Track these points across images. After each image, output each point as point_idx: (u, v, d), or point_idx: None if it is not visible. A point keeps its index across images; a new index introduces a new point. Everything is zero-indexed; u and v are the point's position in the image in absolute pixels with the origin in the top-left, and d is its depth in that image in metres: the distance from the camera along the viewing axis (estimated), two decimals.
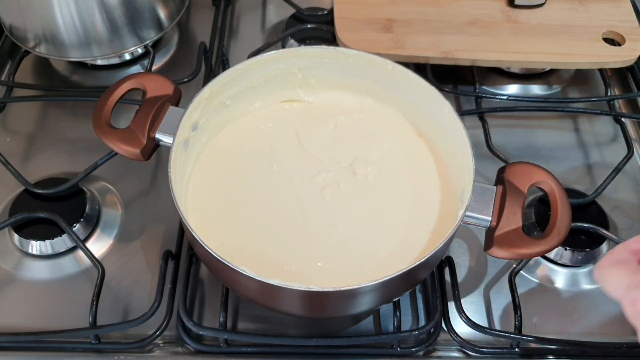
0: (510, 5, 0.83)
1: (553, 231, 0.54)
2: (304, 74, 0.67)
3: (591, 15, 0.82)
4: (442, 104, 0.60)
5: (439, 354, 0.61)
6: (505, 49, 0.78)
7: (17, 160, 0.73)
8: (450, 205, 0.60)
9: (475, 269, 0.66)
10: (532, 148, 0.77)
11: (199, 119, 0.62)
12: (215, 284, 0.64)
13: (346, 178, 0.63)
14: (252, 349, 0.60)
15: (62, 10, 0.73)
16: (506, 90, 0.83)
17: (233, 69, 0.63)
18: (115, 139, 0.59)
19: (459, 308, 0.61)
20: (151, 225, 0.69)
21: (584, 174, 0.75)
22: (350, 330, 0.62)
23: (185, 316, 0.59)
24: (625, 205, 0.72)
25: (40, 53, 0.78)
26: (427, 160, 0.64)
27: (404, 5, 0.83)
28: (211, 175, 0.63)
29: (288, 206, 0.61)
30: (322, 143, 0.66)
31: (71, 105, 0.80)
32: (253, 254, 0.57)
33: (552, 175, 0.57)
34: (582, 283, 0.65)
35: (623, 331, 0.62)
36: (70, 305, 0.63)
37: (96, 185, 0.71)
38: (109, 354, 0.60)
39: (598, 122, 0.80)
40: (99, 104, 0.61)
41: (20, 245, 0.66)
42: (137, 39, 0.79)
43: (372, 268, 0.56)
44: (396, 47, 0.77)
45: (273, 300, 0.55)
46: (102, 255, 0.66)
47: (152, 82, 0.62)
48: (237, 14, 0.93)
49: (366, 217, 0.60)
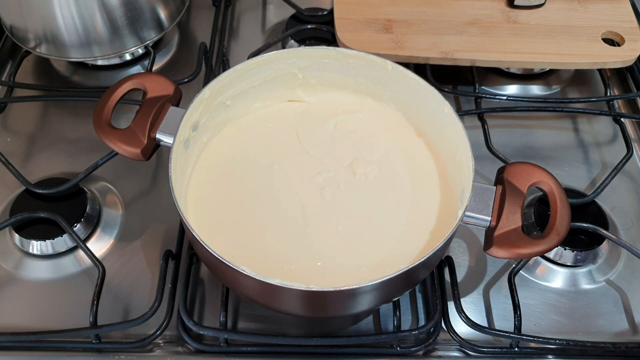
0: (509, 6, 0.83)
1: (552, 231, 0.54)
2: (304, 75, 0.67)
3: (590, 15, 0.82)
4: (441, 104, 0.60)
5: (438, 354, 0.61)
6: (504, 50, 0.78)
7: (18, 160, 0.73)
8: (450, 205, 0.60)
9: (475, 269, 0.66)
10: (531, 148, 0.77)
11: (199, 119, 0.62)
12: (215, 283, 0.64)
13: (346, 178, 0.63)
14: (252, 349, 0.60)
15: (63, 10, 0.73)
16: (506, 91, 0.83)
17: (233, 69, 0.63)
18: (115, 139, 0.59)
19: (459, 308, 0.61)
20: (151, 225, 0.69)
21: (584, 174, 0.75)
22: (350, 330, 0.62)
23: (185, 316, 0.59)
24: (624, 205, 0.72)
25: (41, 53, 0.78)
26: (427, 160, 0.64)
27: (404, 5, 0.83)
28: (211, 175, 0.63)
29: (288, 206, 0.61)
30: (322, 143, 0.66)
31: (72, 106, 0.80)
32: (253, 254, 0.57)
33: (551, 175, 0.57)
34: (581, 283, 0.66)
35: (623, 331, 0.63)
36: (70, 305, 0.63)
37: (97, 185, 0.71)
38: (110, 354, 0.60)
39: (597, 122, 0.80)
40: (100, 104, 0.61)
41: (20, 245, 0.66)
42: (137, 40, 0.79)
43: (372, 268, 0.57)
44: (396, 47, 0.77)
45: (273, 300, 0.55)
46: (103, 255, 0.66)
47: (152, 82, 0.62)
48: (237, 14, 0.93)
49: (366, 217, 0.60)
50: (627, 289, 0.65)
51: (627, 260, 0.67)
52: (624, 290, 0.65)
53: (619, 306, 0.64)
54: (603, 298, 0.65)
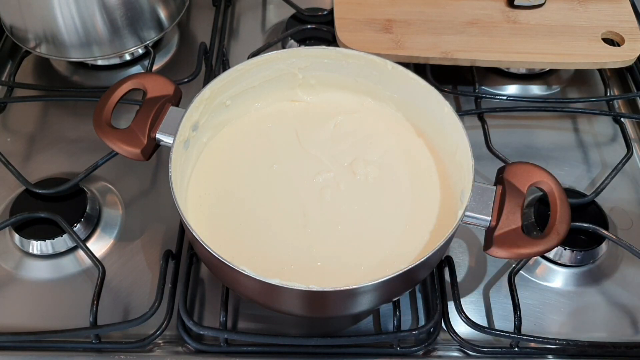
0: (509, 6, 0.83)
1: (552, 231, 0.54)
2: (304, 75, 0.67)
3: (590, 15, 0.82)
4: (441, 104, 0.60)
5: (438, 354, 0.61)
6: (504, 49, 0.78)
7: (18, 160, 0.73)
8: (450, 205, 0.60)
9: (475, 269, 0.66)
10: (531, 148, 0.77)
11: (199, 119, 0.62)
12: (215, 283, 0.64)
13: (346, 178, 0.63)
14: (252, 349, 0.60)
15: (63, 10, 0.73)
16: (506, 91, 0.83)
17: (233, 69, 0.63)
18: (115, 139, 0.59)
19: (459, 308, 0.61)
20: (151, 225, 0.69)
21: (583, 173, 0.75)
22: (350, 330, 0.62)
23: (185, 316, 0.59)
24: (624, 205, 0.72)
25: (41, 53, 0.78)
26: (427, 160, 0.64)
27: (404, 5, 0.83)
28: (211, 175, 0.63)
29: (288, 206, 0.61)
30: (322, 143, 0.66)
31: (72, 106, 0.80)
32: (253, 253, 0.57)
33: (551, 175, 0.57)
34: (581, 283, 0.66)
35: (622, 331, 0.63)
36: (70, 305, 0.63)
37: (97, 185, 0.71)
38: (110, 354, 0.60)
39: (597, 122, 0.80)
40: (100, 104, 0.61)
41: (20, 245, 0.66)
42: (137, 40, 0.79)
43: (372, 268, 0.57)
44: (396, 47, 0.77)
45: (273, 299, 0.55)
46: (103, 255, 0.66)
47: (152, 82, 0.62)
48: (237, 14, 0.93)
49: (366, 217, 0.60)
50: (627, 289, 0.65)
51: (627, 260, 0.67)
52: (624, 290, 0.65)
53: (619, 306, 0.64)
54: (603, 298, 0.65)
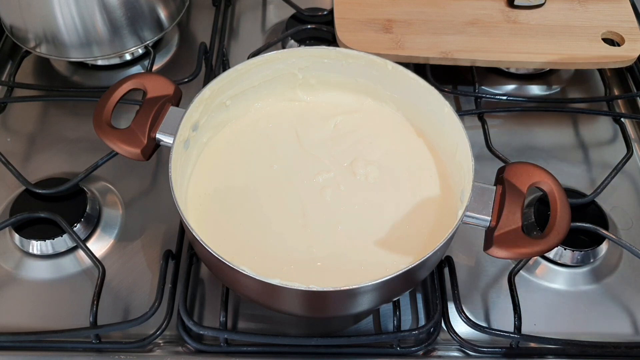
0: (509, 6, 0.83)
1: (552, 231, 0.54)
2: (304, 75, 0.67)
3: (590, 15, 0.82)
4: (441, 104, 0.60)
5: (438, 354, 0.61)
6: (504, 49, 0.78)
7: (18, 160, 0.73)
8: (450, 205, 0.60)
9: (475, 269, 0.66)
10: (531, 148, 0.77)
11: (199, 119, 0.62)
12: (215, 283, 0.64)
13: (346, 178, 0.63)
14: (252, 349, 0.60)
15: (63, 10, 0.73)
16: (506, 91, 0.83)
17: (233, 69, 0.63)
18: (115, 139, 0.59)
19: (459, 308, 0.61)
20: (151, 225, 0.69)
21: (584, 173, 0.75)
22: (350, 330, 0.62)
23: (185, 316, 0.59)
24: (624, 205, 0.72)
25: (41, 53, 0.78)
26: (427, 160, 0.64)
27: (404, 5, 0.83)
28: (211, 175, 0.63)
29: (288, 206, 0.61)
30: (322, 143, 0.66)
31: (72, 106, 0.80)
32: (253, 253, 0.57)
33: (551, 175, 0.57)
34: (581, 283, 0.66)
35: (623, 331, 0.63)
36: (70, 305, 0.63)
37: (97, 185, 0.71)
38: (110, 354, 0.60)
39: (597, 122, 0.80)
40: (100, 104, 0.61)
41: (20, 245, 0.66)
42: (137, 40, 0.79)
43: (372, 268, 0.57)
44: (396, 47, 0.77)
45: (273, 299, 0.55)
46: (103, 255, 0.66)
47: (152, 82, 0.62)
48: (237, 14, 0.93)
49: (366, 217, 0.60)
50: (627, 289, 0.65)
51: (627, 260, 0.67)
52: (624, 290, 0.65)
53: (619, 306, 0.64)
54: (603, 298, 0.65)
